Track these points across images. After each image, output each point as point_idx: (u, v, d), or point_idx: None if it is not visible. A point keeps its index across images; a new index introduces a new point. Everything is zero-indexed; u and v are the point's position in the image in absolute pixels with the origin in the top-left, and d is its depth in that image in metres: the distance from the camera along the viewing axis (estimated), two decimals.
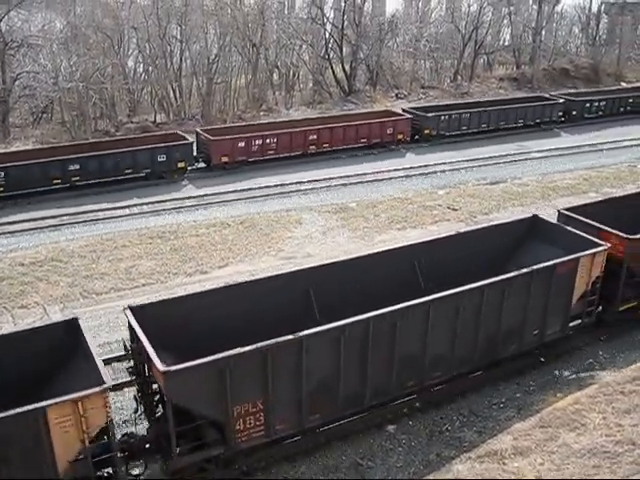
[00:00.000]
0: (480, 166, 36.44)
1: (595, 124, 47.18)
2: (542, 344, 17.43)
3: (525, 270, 15.83)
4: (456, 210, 29.43)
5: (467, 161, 37.21)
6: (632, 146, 40.92)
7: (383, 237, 26.51)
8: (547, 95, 49.32)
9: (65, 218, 28.60)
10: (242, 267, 23.90)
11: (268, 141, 35.95)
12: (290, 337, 12.83)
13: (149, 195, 31.47)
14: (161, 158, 33.24)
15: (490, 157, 38.08)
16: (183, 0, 47.64)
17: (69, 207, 29.72)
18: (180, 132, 36.63)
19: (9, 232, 27.14)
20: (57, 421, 11.19)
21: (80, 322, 13.49)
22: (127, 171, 32.64)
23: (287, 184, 33.07)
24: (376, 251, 18.28)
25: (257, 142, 35.64)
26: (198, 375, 12.24)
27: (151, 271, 23.54)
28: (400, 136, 39.90)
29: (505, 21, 68.46)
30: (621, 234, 17.88)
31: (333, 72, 54.98)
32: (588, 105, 47.78)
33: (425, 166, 36.37)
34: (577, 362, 18.04)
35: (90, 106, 43.33)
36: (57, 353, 13.30)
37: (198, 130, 36.63)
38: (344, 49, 55.29)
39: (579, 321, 17.67)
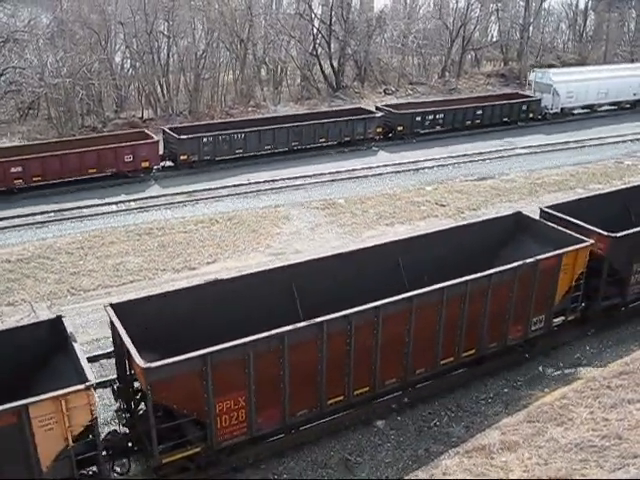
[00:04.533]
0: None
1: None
2: None
3: None
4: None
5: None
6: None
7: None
8: (367, 108, 42.73)
9: (52, 215, 28.46)
10: (230, 263, 23.88)
11: None
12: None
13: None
14: None
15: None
16: None
17: (56, 204, 29.59)
18: None
19: None
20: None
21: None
22: None
23: None
24: None
25: None
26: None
27: (139, 268, 23.47)
28: (145, 164, 33.06)
29: (493, 17, 68.64)
30: None
31: (321, 68, 54.91)
32: (419, 119, 41.04)
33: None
34: (564, 357, 18.14)
35: (77, 102, 43.11)
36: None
37: None
38: (332, 45, 55.17)
39: None
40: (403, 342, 14.64)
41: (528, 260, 15.99)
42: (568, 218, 18.48)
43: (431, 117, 41.66)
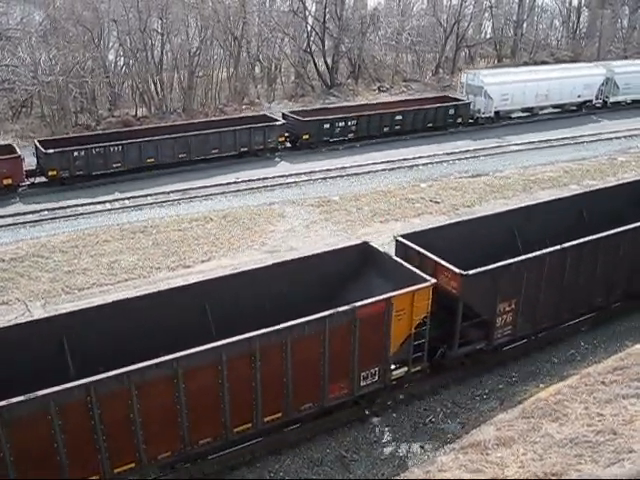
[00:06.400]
0: None
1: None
2: None
3: None
4: None
5: None
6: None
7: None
8: (270, 114, 39.66)
9: (46, 213, 28.36)
10: (225, 261, 23.86)
11: None
12: None
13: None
14: None
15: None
16: None
17: (49, 202, 29.49)
18: None
19: None
20: None
21: None
22: None
23: None
24: None
25: None
26: None
27: (133, 266, 23.42)
28: (7, 181, 29.80)
29: (486, 14, 68.68)
30: None
31: (315, 65, 54.86)
32: (328, 126, 37.76)
33: None
34: (559, 353, 18.20)
35: (70, 100, 42.95)
36: None
37: None
38: (326, 42, 55.16)
39: None
40: (173, 411, 12.44)
41: (340, 309, 13.67)
42: (420, 250, 16.33)
43: (342, 124, 38.36)
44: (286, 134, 37.18)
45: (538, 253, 16.71)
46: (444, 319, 15.66)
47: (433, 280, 14.92)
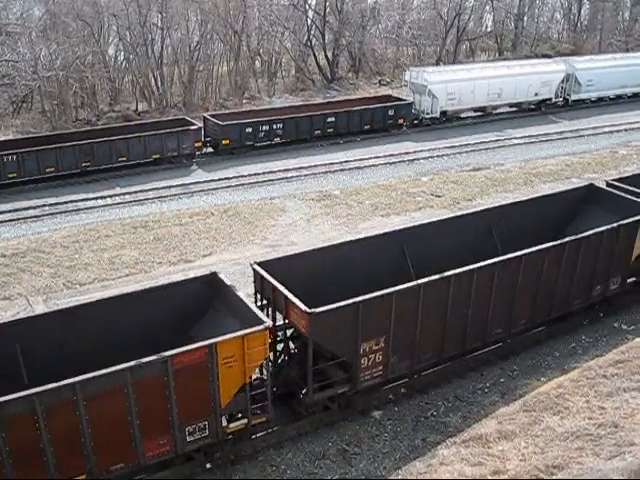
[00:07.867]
0: None
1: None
2: None
3: None
4: None
5: None
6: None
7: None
8: (189, 118, 36.78)
9: (47, 208, 28.38)
10: (227, 256, 23.88)
11: None
12: None
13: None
14: None
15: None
16: None
17: (50, 197, 29.51)
18: None
19: None
20: None
21: None
22: None
23: None
24: None
25: None
26: None
27: (135, 261, 23.44)
28: None
29: (487, 7, 68.53)
30: None
31: (316, 59, 54.81)
32: (250, 130, 35.28)
33: None
34: (560, 347, 18.19)
35: (71, 95, 42.96)
36: None
37: None
38: (326, 36, 55.12)
39: None
40: None
41: (145, 359, 11.87)
42: (272, 282, 14.41)
43: (266, 128, 35.87)
44: (207, 139, 35.32)
45: (410, 284, 14.63)
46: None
47: (268, 322, 13.22)
